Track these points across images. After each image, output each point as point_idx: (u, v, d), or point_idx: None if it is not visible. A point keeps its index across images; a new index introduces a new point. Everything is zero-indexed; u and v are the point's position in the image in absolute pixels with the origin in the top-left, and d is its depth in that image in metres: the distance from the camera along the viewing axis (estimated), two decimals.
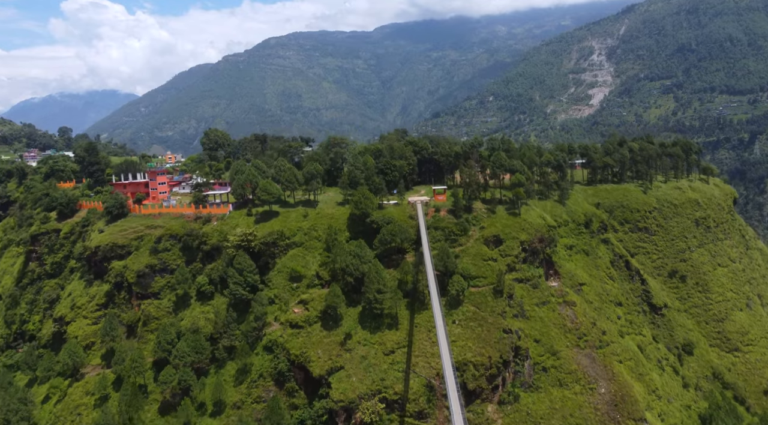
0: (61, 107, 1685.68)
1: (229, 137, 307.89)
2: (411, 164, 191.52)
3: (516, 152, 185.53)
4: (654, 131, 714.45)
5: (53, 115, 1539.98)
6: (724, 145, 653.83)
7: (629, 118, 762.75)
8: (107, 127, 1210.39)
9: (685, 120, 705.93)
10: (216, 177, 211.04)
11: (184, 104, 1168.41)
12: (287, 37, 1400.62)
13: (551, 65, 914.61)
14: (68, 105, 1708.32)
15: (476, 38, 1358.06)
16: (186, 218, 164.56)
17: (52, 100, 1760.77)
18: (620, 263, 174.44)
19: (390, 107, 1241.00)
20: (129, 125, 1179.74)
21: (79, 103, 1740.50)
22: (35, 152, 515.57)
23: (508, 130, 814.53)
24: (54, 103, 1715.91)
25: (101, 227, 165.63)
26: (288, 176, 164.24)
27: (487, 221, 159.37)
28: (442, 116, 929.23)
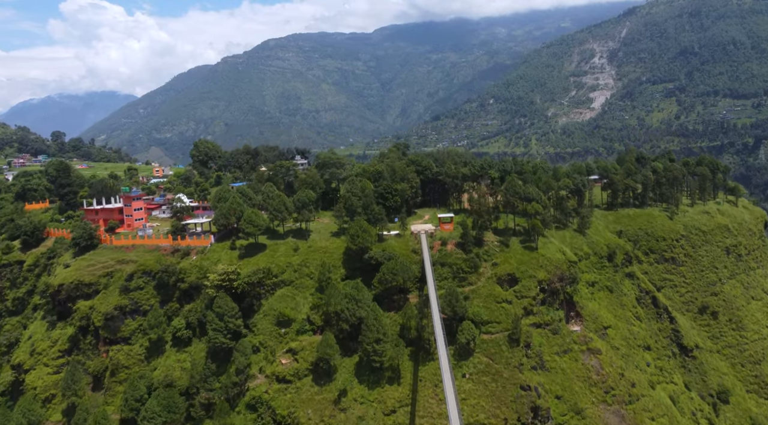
0: (60, 108, 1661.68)
1: (219, 148, 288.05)
2: (414, 186, 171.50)
3: (530, 175, 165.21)
4: (657, 135, 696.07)
5: (52, 116, 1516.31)
6: (728, 149, 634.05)
7: (631, 122, 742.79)
8: (106, 128, 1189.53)
9: (688, 124, 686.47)
10: (202, 198, 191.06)
11: (183, 106, 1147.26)
12: (286, 39, 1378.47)
13: (552, 68, 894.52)
14: (67, 106, 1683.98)
15: (476, 40, 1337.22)
16: (162, 250, 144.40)
17: (51, 102, 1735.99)
18: (647, 300, 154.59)
19: (389, 109, 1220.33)
20: (127, 126, 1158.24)
21: (78, 105, 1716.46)
22: (26, 157, 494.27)
23: (509, 133, 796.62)
24: (53, 105, 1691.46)
25: (67, 260, 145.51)
26: (276, 204, 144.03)
27: (500, 257, 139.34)
28: (442, 119, 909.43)
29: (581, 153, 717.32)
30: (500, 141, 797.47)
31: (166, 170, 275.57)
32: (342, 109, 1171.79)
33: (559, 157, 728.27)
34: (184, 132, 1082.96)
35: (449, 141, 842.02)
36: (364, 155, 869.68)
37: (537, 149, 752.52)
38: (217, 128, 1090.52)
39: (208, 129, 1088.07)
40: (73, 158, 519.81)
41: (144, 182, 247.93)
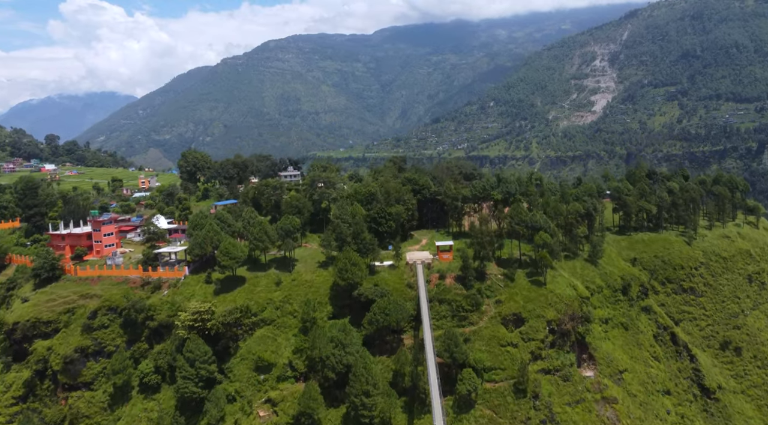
0: (60, 108, 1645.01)
1: (209, 158, 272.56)
2: (410, 208, 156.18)
3: (535, 197, 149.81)
4: (659, 139, 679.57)
5: (52, 117, 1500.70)
6: (731, 154, 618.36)
7: (633, 125, 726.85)
8: (105, 129, 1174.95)
9: (691, 128, 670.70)
10: (183, 217, 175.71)
11: (182, 107, 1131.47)
12: (286, 40, 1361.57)
13: (553, 70, 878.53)
14: (67, 107, 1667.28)
15: (476, 42, 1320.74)
16: (131, 283, 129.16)
17: (51, 102, 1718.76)
18: (665, 337, 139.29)
19: (389, 111, 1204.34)
20: (126, 127, 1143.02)
21: (78, 105, 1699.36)
22: (18, 161, 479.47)
23: (510, 136, 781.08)
24: (53, 105, 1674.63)
25: (27, 293, 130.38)
26: (257, 232, 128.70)
27: (504, 293, 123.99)
28: (442, 121, 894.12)
29: (582, 157, 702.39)
30: (501, 144, 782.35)
31: (153, 180, 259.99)
32: (342, 111, 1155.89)
33: (560, 160, 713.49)
34: (183, 133, 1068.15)
35: (449, 144, 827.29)
36: (363, 158, 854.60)
37: (538, 153, 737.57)
38: (216, 129, 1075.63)
39: (207, 130, 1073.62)
40: (66, 162, 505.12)
41: (127, 195, 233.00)
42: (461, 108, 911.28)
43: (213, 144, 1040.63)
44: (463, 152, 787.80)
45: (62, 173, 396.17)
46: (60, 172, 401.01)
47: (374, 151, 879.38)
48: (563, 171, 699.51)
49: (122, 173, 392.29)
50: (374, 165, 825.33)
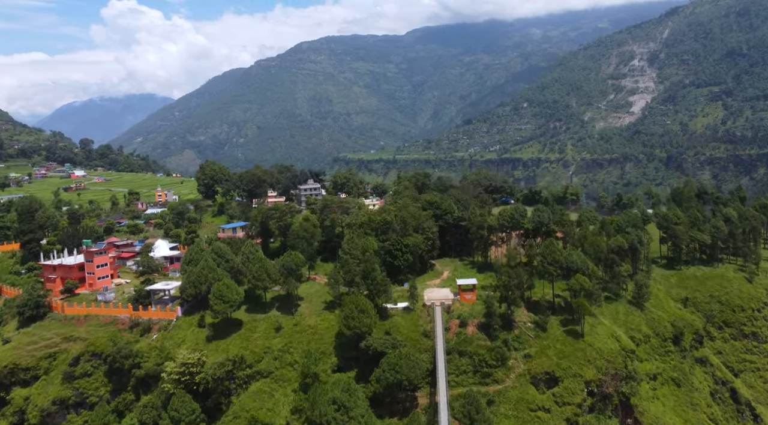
0: (101, 110, 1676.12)
1: (227, 170, 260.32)
2: (430, 237, 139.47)
3: (570, 228, 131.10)
4: (701, 141, 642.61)
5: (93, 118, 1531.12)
6: None
7: (674, 127, 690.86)
8: (143, 131, 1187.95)
9: (736, 130, 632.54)
10: (189, 242, 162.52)
11: (217, 109, 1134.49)
12: (319, 42, 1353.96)
13: (589, 70, 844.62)
14: (108, 108, 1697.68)
15: (509, 42, 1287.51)
16: (120, 324, 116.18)
17: (93, 104, 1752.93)
18: (723, 393, 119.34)
19: (421, 112, 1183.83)
20: (163, 129, 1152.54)
21: (117, 107, 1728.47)
22: (51, 166, 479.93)
23: (543, 138, 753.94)
24: (94, 107, 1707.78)
25: (10, 332, 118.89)
26: (256, 270, 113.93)
27: (535, 345, 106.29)
28: (474, 123, 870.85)
29: (619, 159, 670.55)
30: (534, 146, 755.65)
31: (170, 193, 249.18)
32: (373, 112, 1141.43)
33: (596, 163, 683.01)
34: (217, 135, 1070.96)
35: (481, 146, 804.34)
36: (393, 160, 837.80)
37: (572, 155, 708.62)
38: (249, 131, 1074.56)
39: (240, 132, 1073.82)
40: (98, 166, 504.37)
41: (141, 211, 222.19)
42: (494, 109, 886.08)
43: (246, 145, 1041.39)
44: (495, 154, 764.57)
45: (90, 179, 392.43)
46: (88, 178, 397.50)
47: (405, 153, 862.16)
48: (599, 174, 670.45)
49: (148, 181, 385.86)
50: (405, 167, 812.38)
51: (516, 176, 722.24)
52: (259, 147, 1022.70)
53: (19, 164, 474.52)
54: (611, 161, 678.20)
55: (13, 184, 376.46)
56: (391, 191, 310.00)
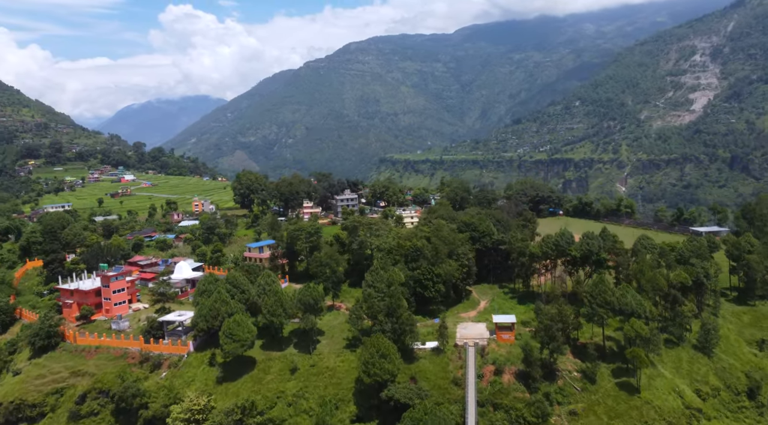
0: (159, 112, 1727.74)
1: (263, 179, 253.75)
2: (465, 264, 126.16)
3: (625, 259, 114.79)
4: None
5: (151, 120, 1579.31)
6: None
7: (739, 126, 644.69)
8: (196, 132, 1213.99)
9: None
10: (214, 262, 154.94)
11: (267, 110, 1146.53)
12: (367, 42, 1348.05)
13: (646, 67, 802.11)
14: (165, 110, 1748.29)
15: (561, 38, 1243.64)
16: (130, 357, 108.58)
17: (151, 106, 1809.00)
18: None
19: (469, 111, 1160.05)
20: (215, 130, 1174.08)
21: (174, 109, 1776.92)
22: (105, 169, 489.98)
23: (596, 138, 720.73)
24: (152, 109, 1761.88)
25: (21, 363, 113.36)
26: (272, 305, 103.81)
27: (582, 401, 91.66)
28: (523, 123, 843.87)
29: (678, 160, 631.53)
30: (586, 146, 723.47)
31: (207, 203, 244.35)
32: (420, 111, 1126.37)
33: (653, 164, 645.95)
34: (267, 136, 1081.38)
35: (530, 146, 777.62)
36: (440, 160, 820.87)
37: (627, 155, 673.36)
38: (298, 131, 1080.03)
39: (289, 133, 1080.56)
40: (149, 169, 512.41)
41: (176, 222, 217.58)
42: (544, 108, 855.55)
43: (294, 146, 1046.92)
44: (545, 155, 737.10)
45: (138, 184, 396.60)
46: (136, 183, 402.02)
47: (452, 153, 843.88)
48: (656, 176, 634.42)
49: (192, 186, 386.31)
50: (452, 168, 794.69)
51: (567, 177, 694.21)
52: (308, 147, 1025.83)
53: (77, 167, 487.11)
54: (669, 161, 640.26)
55: (67, 188, 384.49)
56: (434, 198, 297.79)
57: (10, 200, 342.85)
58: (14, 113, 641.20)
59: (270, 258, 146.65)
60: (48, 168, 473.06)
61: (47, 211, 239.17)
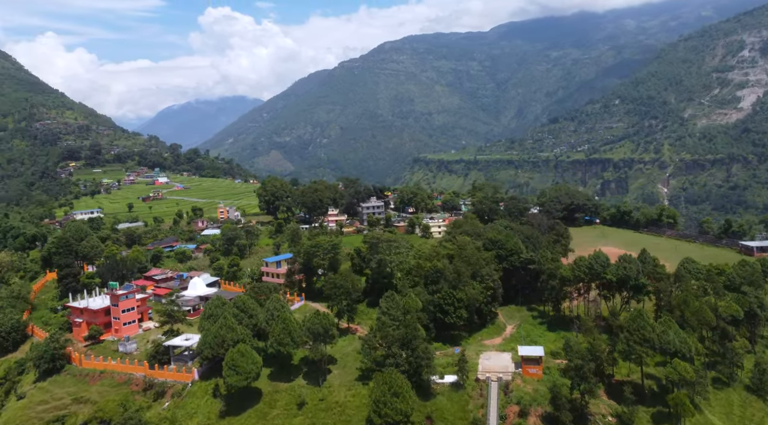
0: (198, 112, 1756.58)
1: (288, 186, 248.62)
2: (490, 286, 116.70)
3: (666, 285, 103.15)
4: None
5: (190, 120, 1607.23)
6: None
7: None
8: (234, 132, 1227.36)
9: None
10: (230, 277, 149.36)
11: (302, 110, 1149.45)
12: (401, 41, 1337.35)
13: (690, 63, 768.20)
14: (203, 111, 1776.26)
15: (601, 34, 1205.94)
16: (134, 384, 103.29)
17: (190, 107, 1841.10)
18: None
19: (504, 110, 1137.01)
20: (252, 130, 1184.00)
21: (212, 109, 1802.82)
22: (142, 171, 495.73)
23: (637, 137, 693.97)
24: (192, 110, 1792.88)
25: (27, 386, 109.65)
26: (279, 333, 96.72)
27: None
28: (560, 122, 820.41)
29: (725, 160, 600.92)
30: (626, 146, 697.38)
31: (232, 211, 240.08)
32: (455, 111, 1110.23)
33: (697, 165, 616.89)
34: (301, 136, 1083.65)
35: (567, 146, 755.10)
36: (474, 160, 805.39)
37: (670, 155, 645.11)
38: (332, 131, 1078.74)
39: (323, 132, 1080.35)
40: (184, 171, 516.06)
41: (199, 230, 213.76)
42: (582, 107, 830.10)
43: (329, 146, 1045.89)
44: (583, 155, 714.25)
45: (171, 186, 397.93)
46: (170, 185, 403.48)
47: (486, 153, 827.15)
48: (701, 176, 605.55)
49: (223, 189, 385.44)
50: (486, 168, 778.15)
51: (606, 177, 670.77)
52: (342, 147, 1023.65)
53: (115, 168, 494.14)
54: (715, 162, 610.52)
55: (103, 191, 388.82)
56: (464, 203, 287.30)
57: (47, 203, 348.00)
58: (58, 116, 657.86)
59: (287, 274, 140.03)
60: (87, 170, 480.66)
61: (75, 218, 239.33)
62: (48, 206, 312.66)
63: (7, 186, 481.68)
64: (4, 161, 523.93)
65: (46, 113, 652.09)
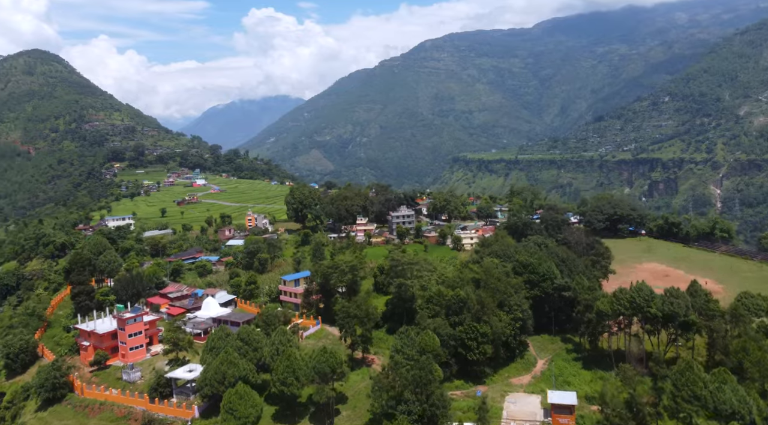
0: (241, 112, 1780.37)
1: (317, 193, 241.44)
2: (519, 316, 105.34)
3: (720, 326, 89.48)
4: None
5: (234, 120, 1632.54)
6: None
7: None
8: (275, 131, 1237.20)
9: None
10: (247, 296, 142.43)
11: (342, 109, 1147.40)
12: (443, 39, 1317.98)
13: (747, 58, 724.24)
14: (247, 110, 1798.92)
15: (650, 29, 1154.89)
16: (133, 419, 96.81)
17: (234, 107, 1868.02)
18: None
19: (547, 108, 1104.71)
20: (293, 129, 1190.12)
21: (255, 109, 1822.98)
22: (182, 172, 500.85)
23: (687, 136, 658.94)
24: (236, 109, 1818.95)
25: (28, 415, 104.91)
26: (282, 372, 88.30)
27: None
28: (606, 120, 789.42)
29: None
30: (676, 145, 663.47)
31: (260, 218, 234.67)
32: (496, 109, 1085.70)
33: (754, 165, 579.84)
34: (341, 135, 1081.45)
35: (613, 145, 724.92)
36: (516, 160, 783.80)
37: (724, 155, 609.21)
38: (372, 130, 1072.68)
39: (363, 132, 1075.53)
40: (223, 172, 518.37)
41: (225, 239, 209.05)
42: (629, 104, 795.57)
43: (368, 145, 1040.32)
44: (629, 154, 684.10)
45: (208, 189, 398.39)
46: (206, 188, 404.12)
47: (528, 152, 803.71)
48: (757, 178, 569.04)
49: (258, 191, 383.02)
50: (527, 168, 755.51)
51: (653, 177, 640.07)
52: (381, 146, 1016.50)
53: (157, 169, 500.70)
54: None
55: (143, 192, 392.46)
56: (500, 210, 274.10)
57: (88, 205, 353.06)
58: (106, 117, 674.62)
59: (304, 294, 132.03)
60: (131, 171, 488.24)
61: (107, 224, 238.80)
62: (86, 210, 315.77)
63: (57, 186, 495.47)
64: (55, 161, 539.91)
65: (94, 114, 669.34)
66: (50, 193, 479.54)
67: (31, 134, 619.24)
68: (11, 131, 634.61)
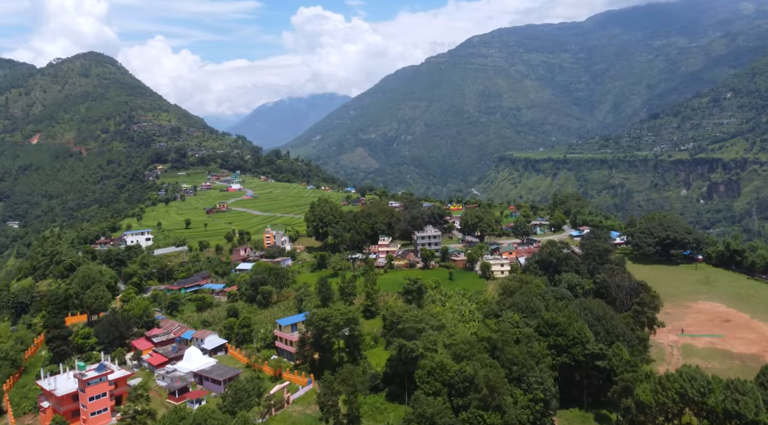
0: (290, 110, 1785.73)
1: (337, 209, 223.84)
2: (541, 398, 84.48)
3: None
4: None
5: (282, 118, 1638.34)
6: None
7: None
8: (321, 129, 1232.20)
9: None
10: (240, 341, 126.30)
11: (388, 107, 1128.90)
12: (490, 35, 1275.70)
13: None
14: (295, 108, 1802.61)
15: (712, 20, 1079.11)
16: None
17: (283, 104, 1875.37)
18: None
19: (599, 104, 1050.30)
20: (338, 127, 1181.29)
21: (303, 106, 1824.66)
22: (223, 173, 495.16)
23: (752, 135, 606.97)
24: (284, 107, 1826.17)
25: None
26: None
27: None
28: (661, 117, 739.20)
29: None
30: (739, 144, 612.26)
31: (279, 235, 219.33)
32: (545, 105, 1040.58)
33: None
34: (386, 133, 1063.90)
35: (669, 144, 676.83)
36: (564, 159, 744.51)
37: None
38: (417, 128, 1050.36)
39: (408, 129, 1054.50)
40: (262, 174, 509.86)
41: (240, 259, 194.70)
42: (687, 101, 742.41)
43: (413, 143, 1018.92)
44: (686, 154, 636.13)
45: (243, 193, 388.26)
46: (241, 192, 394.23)
47: (577, 151, 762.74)
48: None
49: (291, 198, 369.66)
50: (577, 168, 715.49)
51: (713, 179, 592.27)
52: (426, 144, 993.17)
53: (198, 171, 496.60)
54: None
55: (179, 197, 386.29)
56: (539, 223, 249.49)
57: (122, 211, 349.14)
58: (154, 118, 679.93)
59: (298, 343, 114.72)
60: (173, 173, 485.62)
61: (126, 238, 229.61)
62: (115, 219, 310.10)
63: (105, 187, 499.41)
64: (104, 162, 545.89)
65: (143, 115, 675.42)
66: (98, 194, 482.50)
67: (84, 135, 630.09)
68: (66, 131, 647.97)
